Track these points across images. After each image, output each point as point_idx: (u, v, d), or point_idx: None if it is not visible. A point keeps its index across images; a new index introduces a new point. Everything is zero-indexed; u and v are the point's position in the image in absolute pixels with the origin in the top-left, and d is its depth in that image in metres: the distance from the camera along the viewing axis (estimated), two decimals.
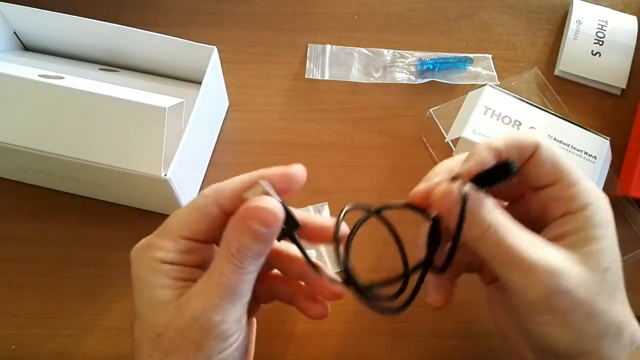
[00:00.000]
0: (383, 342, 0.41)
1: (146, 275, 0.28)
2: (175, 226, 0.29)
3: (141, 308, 0.28)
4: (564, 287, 0.26)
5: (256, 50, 0.52)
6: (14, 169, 0.43)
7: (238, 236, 0.27)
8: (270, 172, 0.29)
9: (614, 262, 0.28)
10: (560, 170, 0.29)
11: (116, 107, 0.37)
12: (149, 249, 0.28)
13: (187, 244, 0.29)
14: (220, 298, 0.27)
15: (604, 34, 0.52)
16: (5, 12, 0.45)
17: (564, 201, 0.28)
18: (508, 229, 0.27)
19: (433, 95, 0.50)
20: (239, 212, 0.27)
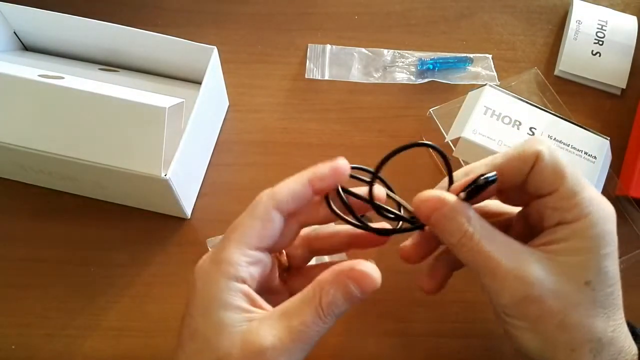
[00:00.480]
0: (383, 342, 0.41)
1: (216, 293, 0.27)
2: (240, 237, 0.28)
3: (204, 329, 0.27)
4: (534, 296, 0.27)
5: (256, 50, 0.52)
6: (14, 169, 0.43)
7: (333, 291, 0.27)
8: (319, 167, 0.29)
9: (601, 278, 0.28)
10: (560, 179, 0.28)
11: (116, 107, 0.37)
12: (218, 265, 0.27)
13: (254, 254, 0.28)
14: (293, 343, 0.26)
15: (604, 34, 0.52)
16: (5, 12, 0.45)
17: (559, 211, 0.28)
18: (485, 235, 0.28)
19: (433, 95, 0.50)
20: (343, 268, 0.27)
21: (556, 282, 0.27)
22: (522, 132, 0.43)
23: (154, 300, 0.42)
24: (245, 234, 0.28)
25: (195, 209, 0.45)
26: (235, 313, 0.27)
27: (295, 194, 0.29)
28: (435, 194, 0.29)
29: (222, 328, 0.26)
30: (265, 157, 0.48)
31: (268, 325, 0.27)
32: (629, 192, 0.45)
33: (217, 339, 0.26)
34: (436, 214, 0.28)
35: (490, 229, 0.29)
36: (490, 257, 0.27)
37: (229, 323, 0.26)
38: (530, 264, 0.27)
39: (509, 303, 0.27)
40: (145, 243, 0.43)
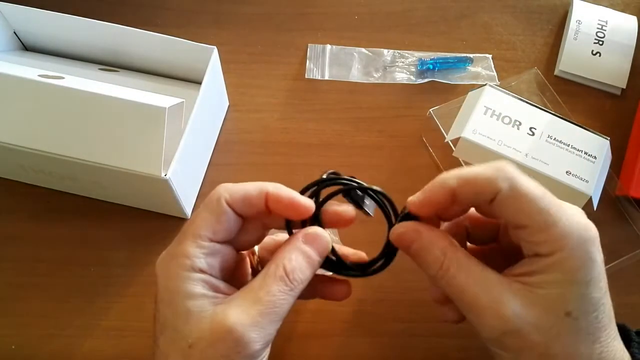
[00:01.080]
0: (383, 342, 0.41)
1: (177, 285, 0.27)
2: (195, 230, 0.28)
3: (173, 319, 0.27)
4: (513, 330, 0.26)
5: (256, 50, 0.52)
6: (14, 169, 0.43)
7: (294, 257, 0.28)
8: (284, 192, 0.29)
9: (583, 307, 0.27)
10: (528, 217, 0.27)
11: (116, 107, 0.37)
12: (175, 258, 0.28)
13: (210, 245, 0.28)
14: (261, 316, 0.27)
15: (604, 34, 0.52)
16: (5, 12, 0.45)
17: (534, 245, 0.27)
18: (461, 267, 0.28)
19: (433, 95, 0.50)
20: (297, 235, 0.29)
21: (535, 316, 0.26)
22: (522, 132, 0.43)
23: (154, 300, 0.41)
24: (199, 227, 0.28)
25: (195, 209, 0.45)
26: (200, 300, 0.27)
27: (248, 199, 0.29)
28: (410, 226, 0.29)
29: (189, 316, 0.27)
30: (265, 157, 0.48)
31: (234, 304, 0.27)
32: (629, 192, 0.45)
33: (185, 326, 0.27)
34: (414, 246, 0.29)
35: (466, 260, 0.28)
36: (467, 291, 0.27)
37: (194, 310, 0.27)
38: (508, 299, 0.27)
39: (489, 337, 0.27)
40: (145, 243, 0.43)
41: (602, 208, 0.44)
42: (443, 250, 0.28)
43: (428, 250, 0.28)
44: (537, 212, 0.27)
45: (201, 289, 0.28)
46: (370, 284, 0.43)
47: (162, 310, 0.28)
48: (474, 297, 0.27)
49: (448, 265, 0.28)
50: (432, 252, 0.28)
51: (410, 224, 0.29)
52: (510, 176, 0.27)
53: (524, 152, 0.42)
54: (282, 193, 0.29)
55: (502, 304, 0.27)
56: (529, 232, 0.27)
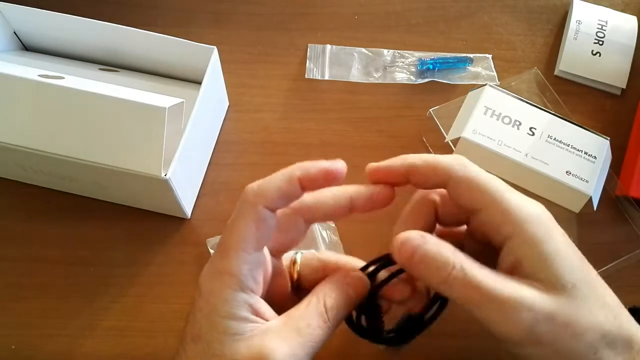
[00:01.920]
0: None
1: (220, 303, 0.27)
2: (237, 243, 0.27)
3: (208, 333, 0.27)
4: (543, 318, 0.26)
5: (256, 50, 0.52)
6: (14, 169, 0.43)
7: (335, 295, 0.29)
8: (312, 166, 0.29)
9: (579, 274, 0.27)
10: (483, 197, 0.28)
11: (116, 107, 0.37)
12: (220, 276, 0.27)
13: (254, 258, 0.28)
14: (300, 348, 0.26)
15: (604, 34, 0.52)
16: (5, 12, 0.45)
17: (498, 225, 0.28)
18: (472, 266, 0.27)
19: (433, 95, 0.50)
20: (341, 275, 0.30)
21: (550, 298, 0.26)
22: (522, 132, 0.43)
23: (154, 300, 0.42)
24: (241, 239, 0.27)
25: (195, 209, 0.45)
26: (240, 322, 0.27)
27: (283, 192, 0.28)
28: (415, 232, 0.28)
29: (226, 335, 0.26)
30: (265, 157, 0.48)
31: (273, 331, 0.27)
32: (629, 192, 0.45)
33: (220, 344, 0.26)
34: (419, 251, 0.27)
35: (472, 260, 0.27)
36: (486, 288, 0.26)
37: (233, 331, 0.26)
38: (523, 288, 0.26)
39: (521, 335, 0.26)
40: (145, 243, 0.43)
41: (602, 208, 0.44)
42: (452, 251, 0.27)
43: (435, 255, 0.27)
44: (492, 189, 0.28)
45: (243, 311, 0.27)
46: None
47: (199, 319, 0.27)
48: (495, 293, 0.26)
49: (461, 265, 0.26)
50: (442, 255, 0.27)
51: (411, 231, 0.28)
52: (464, 162, 0.29)
53: (524, 152, 0.42)
54: (312, 170, 0.28)
55: (524, 293, 0.26)
56: (490, 211, 0.28)
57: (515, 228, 0.27)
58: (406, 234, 0.28)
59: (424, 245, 0.27)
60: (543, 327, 0.26)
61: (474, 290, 0.26)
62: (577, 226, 0.44)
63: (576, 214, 0.43)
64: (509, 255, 0.28)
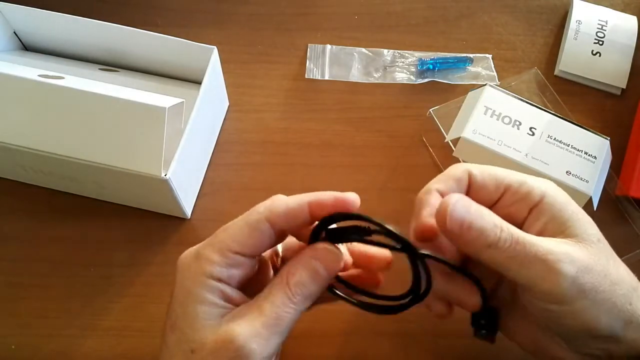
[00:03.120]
0: (383, 342, 0.41)
1: (192, 287, 0.28)
2: (226, 239, 0.28)
3: (182, 320, 0.28)
4: (584, 267, 0.27)
5: (256, 50, 0.52)
6: (14, 169, 0.43)
7: (299, 271, 0.28)
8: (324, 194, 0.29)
9: (594, 227, 0.29)
10: (503, 182, 0.30)
11: (116, 107, 0.37)
12: (198, 261, 0.28)
13: (234, 257, 0.28)
14: (263, 327, 0.27)
15: (604, 34, 0.52)
16: (5, 12, 0.45)
17: (522, 200, 0.30)
18: (514, 228, 0.28)
19: (433, 95, 0.50)
20: (306, 249, 0.29)
21: (585, 251, 0.28)
22: (522, 132, 0.43)
23: (154, 300, 0.42)
24: (231, 237, 0.28)
25: (195, 209, 0.45)
26: (210, 307, 0.27)
27: (291, 213, 0.28)
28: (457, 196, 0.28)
29: (196, 320, 0.27)
30: (265, 157, 0.48)
31: (239, 314, 0.27)
32: (629, 192, 0.45)
33: (191, 330, 0.27)
34: (468, 217, 0.27)
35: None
36: (531, 246, 0.27)
37: (202, 316, 0.27)
38: (559, 243, 0.28)
39: (567, 285, 0.26)
40: (145, 243, 0.43)
41: (602, 208, 0.44)
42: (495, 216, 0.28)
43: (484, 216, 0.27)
44: (507, 174, 0.30)
45: (213, 296, 0.28)
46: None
47: (175, 308, 0.28)
48: (539, 249, 0.27)
49: (507, 226, 0.27)
50: (489, 218, 0.27)
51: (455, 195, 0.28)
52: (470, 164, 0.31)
53: (524, 152, 0.42)
54: (323, 197, 0.28)
55: (563, 247, 0.27)
56: (512, 191, 0.30)
57: (539, 194, 0.29)
58: (451, 199, 0.27)
59: (471, 209, 0.27)
60: (585, 277, 0.27)
61: (521, 250, 0.27)
62: None
63: None
64: (536, 220, 0.29)
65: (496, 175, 0.30)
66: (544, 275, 0.26)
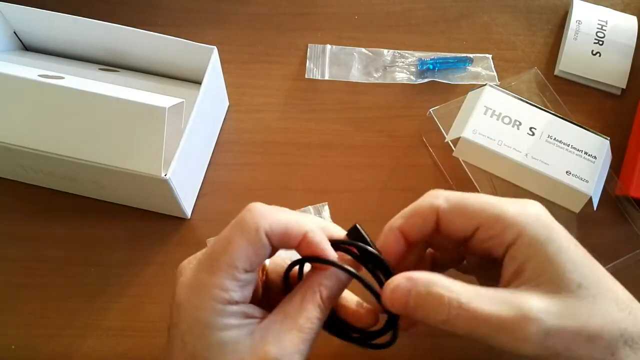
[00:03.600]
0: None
1: (210, 318, 0.26)
2: (230, 261, 0.26)
3: (205, 351, 0.26)
4: (553, 327, 0.25)
5: (256, 50, 0.52)
6: (14, 169, 0.43)
7: (330, 284, 0.29)
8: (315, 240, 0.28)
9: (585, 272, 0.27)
10: (475, 219, 0.28)
11: (116, 107, 0.37)
12: (208, 289, 0.26)
13: (245, 277, 0.27)
14: (303, 343, 0.27)
15: (604, 34, 0.52)
16: (5, 12, 0.45)
17: (497, 237, 0.27)
18: (469, 297, 0.26)
19: (433, 95, 0.50)
20: None
21: (558, 303, 0.25)
22: (522, 132, 0.43)
23: (154, 300, 0.42)
24: (236, 258, 0.26)
25: (195, 209, 0.45)
26: (235, 331, 0.26)
27: (287, 235, 0.27)
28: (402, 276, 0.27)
29: (225, 347, 0.26)
30: (265, 157, 0.48)
31: (273, 331, 0.27)
32: (629, 192, 0.45)
33: (222, 358, 0.26)
34: (413, 296, 0.27)
35: (469, 287, 0.27)
36: (489, 316, 0.25)
37: (231, 341, 0.26)
38: (528, 301, 0.26)
39: (535, 350, 0.25)
40: (145, 243, 0.43)
41: (602, 208, 0.44)
42: (445, 286, 0.26)
43: (428, 295, 0.26)
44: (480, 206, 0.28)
45: (236, 320, 0.27)
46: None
47: (189, 341, 0.26)
48: (500, 317, 0.25)
49: (458, 300, 0.26)
50: (435, 294, 0.26)
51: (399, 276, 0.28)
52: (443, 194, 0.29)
53: (524, 152, 0.42)
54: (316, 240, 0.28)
55: (529, 304, 0.25)
56: (485, 228, 0.28)
57: (516, 233, 0.27)
58: (394, 282, 0.27)
59: (415, 288, 0.27)
60: (555, 338, 0.25)
61: (478, 323, 0.26)
62: (577, 226, 0.44)
63: (576, 214, 0.43)
64: (512, 261, 0.27)
65: (466, 211, 0.28)
66: (510, 342, 0.25)
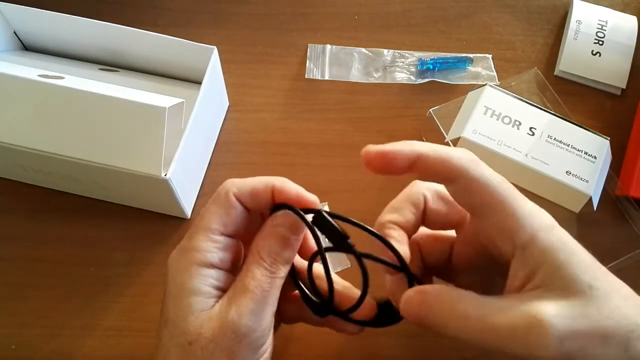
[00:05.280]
0: (383, 342, 0.41)
1: (185, 280, 0.28)
2: (205, 224, 0.29)
3: (174, 314, 0.28)
4: (569, 332, 0.24)
5: (256, 50, 0.52)
6: (14, 169, 0.43)
7: (267, 242, 0.29)
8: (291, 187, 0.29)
9: (596, 274, 0.26)
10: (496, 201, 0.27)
11: (116, 107, 0.37)
12: (186, 253, 0.28)
13: (221, 239, 0.29)
14: (253, 302, 0.27)
15: (604, 34, 0.52)
16: (5, 12, 0.45)
17: (510, 232, 0.27)
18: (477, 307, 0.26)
19: (433, 95, 0.50)
20: (267, 221, 0.30)
21: (570, 307, 0.25)
22: (522, 132, 0.43)
23: (154, 301, 0.41)
24: (210, 221, 0.29)
25: (195, 209, 0.45)
26: (203, 297, 0.28)
27: (255, 193, 0.29)
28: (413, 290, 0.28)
29: (190, 312, 0.27)
30: (265, 157, 0.48)
31: (228, 298, 0.28)
32: (629, 192, 0.45)
33: (185, 323, 0.27)
34: (424, 308, 0.27)
35: (478, 297, 0.27)
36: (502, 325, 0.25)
37: (196, 307, 0.27)
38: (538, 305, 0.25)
39: (550, 356, 0.24)
40: (145, 243, 0.43)
41: (602, 208, 0.44)
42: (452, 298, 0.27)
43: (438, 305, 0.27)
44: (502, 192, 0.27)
45: (207, 286, 0.28)
46: (370, 284, 0.43)
47: (167, 304, 0.28)
48: (512, 326, 0.25)
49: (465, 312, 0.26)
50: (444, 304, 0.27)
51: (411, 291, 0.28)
52: (476, 160, 0.28)
53: (524, 152, 0.42)
54: (288, 187, 0.29)
55: (542, 310, 0.25)
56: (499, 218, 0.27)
57: (530, 236, 0.26)
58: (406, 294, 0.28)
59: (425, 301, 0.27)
60: (570, 341, 0.24)
61: (491, 334, 0.25)
62: (577, 226, 0.44)
63: (576, 214, 0.43)
64: (524, 265, 0.27)
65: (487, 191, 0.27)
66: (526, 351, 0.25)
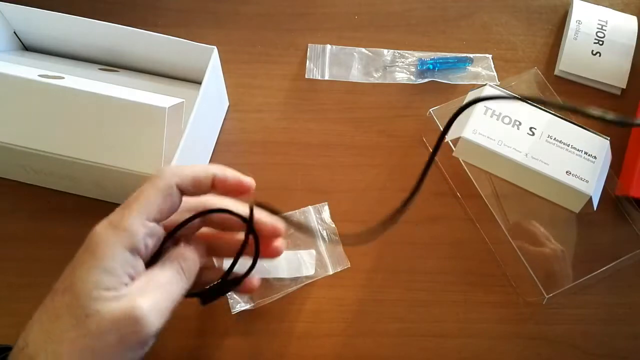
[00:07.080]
0: (383, 342, 0.41)
1: (104, 256, 0.28)
2: (141, 207, 0.29)
3: (79, 285, 0.27)
4: None
5: (256, 50, 0.52)
6: (14, 169, 0.43)
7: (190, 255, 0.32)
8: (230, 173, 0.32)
9: None
10: None
11: (116, 107, 0.37)
12: (116, 231, 0.28)
13: (152, 226, 0.29)
14: (164, 302, 0.28)
15: (604, 34, 0.52)
16: (5, 12, 0.45)
17: None
18: None
19: (433, 95, 0.50)
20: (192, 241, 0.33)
21: None
22: (522, 132, 0.43)
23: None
24: (147, 205, 0.29)
25: None
26: (116, 279, 0.28)
27: (197, 181, 0.31)
28: None
29: (96, 288, 0.27)
30: (265, 157, 0.48)
31: (138, 287, 0.28)
32: (629, 192, 0.45)
33: (87, 297, 0.27)
34: None
35: None
36: None
37: (105, 286, 0.27)
38: None
39: None
40: None
41: (602, 208, 0.44)
42: None
43: None
44: None
45: (122, 269, 0.28)
46: (370, 285, 0.43)
47: (74, 272, 0.28)
48: None
49: None
50: None
51: None
52: None
53: (524, 152, 0.43)
54: (228, 174, 0.32)
55: None
56: None
57: None
58: None
59: None
60: None
61: None
62: (577, 226, 0.44)
63: (576, 214, 0.43)
64: None
65: None
66: None
